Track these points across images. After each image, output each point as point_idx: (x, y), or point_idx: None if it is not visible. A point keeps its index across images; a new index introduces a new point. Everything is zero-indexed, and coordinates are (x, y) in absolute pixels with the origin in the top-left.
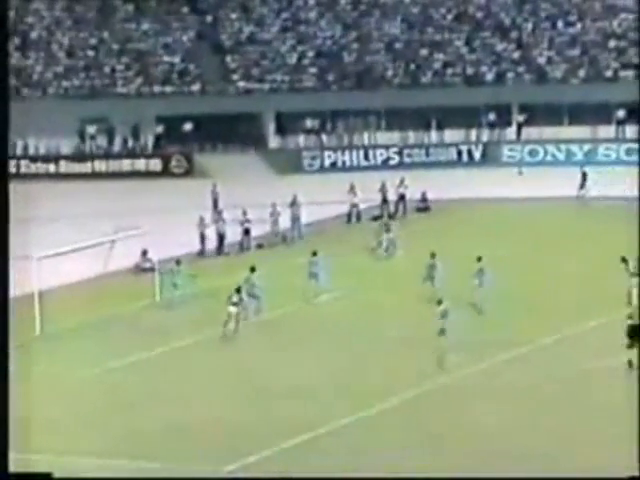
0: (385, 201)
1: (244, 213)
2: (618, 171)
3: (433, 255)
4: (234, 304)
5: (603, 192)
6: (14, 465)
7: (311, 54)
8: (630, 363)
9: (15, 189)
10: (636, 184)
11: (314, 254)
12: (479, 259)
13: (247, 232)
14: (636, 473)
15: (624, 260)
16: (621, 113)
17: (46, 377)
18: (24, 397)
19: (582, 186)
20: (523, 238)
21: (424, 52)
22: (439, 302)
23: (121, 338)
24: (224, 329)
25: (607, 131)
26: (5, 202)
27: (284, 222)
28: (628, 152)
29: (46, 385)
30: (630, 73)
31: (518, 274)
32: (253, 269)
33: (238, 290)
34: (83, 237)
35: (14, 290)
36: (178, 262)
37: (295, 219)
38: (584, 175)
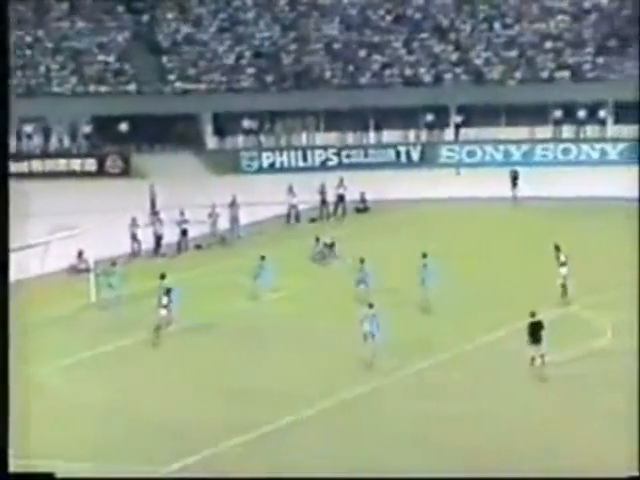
0: (324, 202)
1: (181, 214)
2: (555, 171)
3: (362, 260)
4: (164, 307)
5: (540, 192)
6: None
7: (249, 55)
8: (533, 360)
9: None
10: (574, 184)
11: (262, 258)
12: (424, 255)
13: (184, 233)
14: (636, 473)
15: (557, 248)
16: (558, 113)
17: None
18: None
19: (514, 186)
20: (461, 238)
21: (362, 53)
22: (370, 305)
23: (57, 339)
24: (155, 332)
25: (544, 132)
26: (5, 200)
27: (223, 223)
28: (565, 152)
29: None
30: (566, 74)
31: (456, 273)
32: (163, 276)
33: (168, 292)
34: (18, 238)
35: None
36: (113, 263)
37: (234, 220)
38: (514, 175)
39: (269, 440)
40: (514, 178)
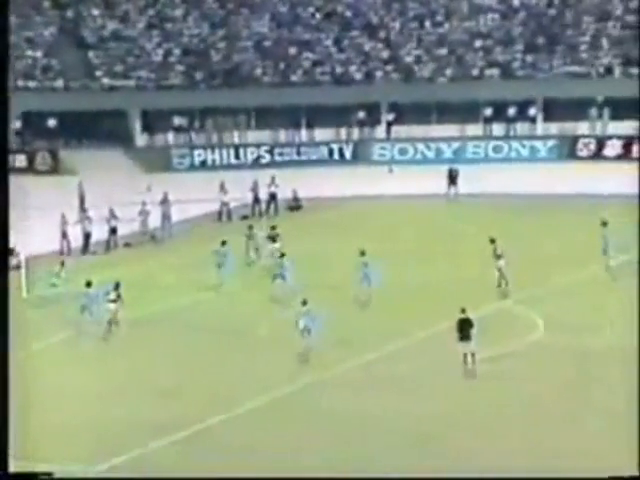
0: (257, 200)
1: (111, 211)
2: (485, 168)
3: (282, 255)
4: (112, 301)
5: (472, 189)
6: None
7: (178, 52)
8: (465, 357)
9: None
10: (505, 181)
11: (223, 243)
12: (362, 253)
13: (114, 231)
14: (636, 473)
15: (492, 241)
16: (488, 111)
17: None
18: None
19: (451, 183)
20: (395, 235)
21: (293, 51)
22: (304, 302)
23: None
24: (106, 326)
25: (475, 129)
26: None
27: (153, 221)
28: (495, 149)
29: None
30: (496, 72)
31: (392, 270)
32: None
33: (116, 287)
34: None
35: None
36: (62, 263)
37: (165, 217)
38: (452, 173)
39: (200, 439)
40: (453, 176)
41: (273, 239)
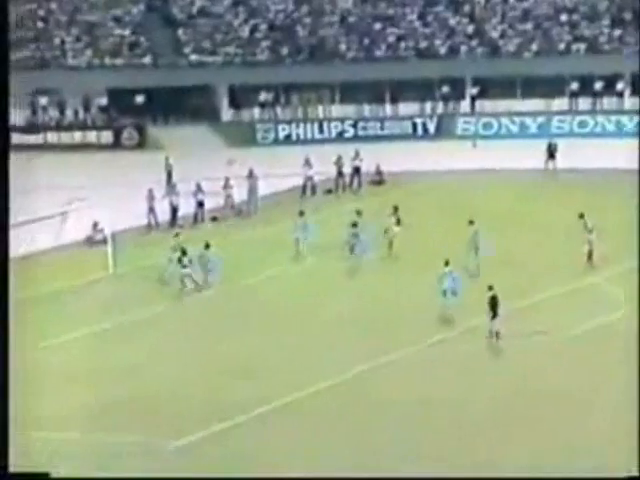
0: (340, 174)
1: (198, 186)
2: (570, 143)
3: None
4: (185, 266)
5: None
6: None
7: (264, 28)
8: (491, 333)
9: None
10: (590, 156)
11: (301, 214)
12: (471, 222)
13: (201, 205)
14: (636, 473)
15: (581, 216)
16: (574, 86)
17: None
18: None
19: (550, 157)
20: (477, 208)
21: (377, 26)
22: (446, 263)
23: (74, 311)
24: (182, 290)
25: (560, 104)
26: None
27: (239, 195)
28: (581, 124)
29: None
30: (582, 46)
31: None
32: (208, 245)
33: (184, 252)
34: (35, 209)
35: None
36: (177, 234)
37: (252, 192)
38: (550, 147)
39: (281, 417)
40: (551, 150)
41: (354, 225)
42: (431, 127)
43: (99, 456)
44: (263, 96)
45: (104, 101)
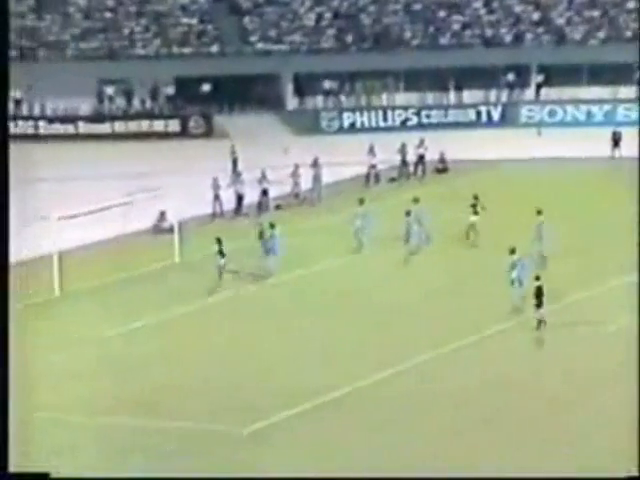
0: (404, 162)
1: (262, 173)
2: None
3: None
4: (223, 256)
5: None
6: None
7: (329, 16)
8: (539, 323)
9: (33, 150)
10: None
11: (361, 202)
12: (539, 212)
13: (265, 193)
14: (636, 473)
15: None
16: None
17: (64, 337)
18: (43, 355)
19: (615, 146)
20: (542, 197)
21: (442, 13)
22: (512, 251)
23: (140, 299)
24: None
25: (626, 92)
26: (5, 169)
27: (304, 183)
28: None
29: (64, 344)
30: None
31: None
32: (272, 225)
33: (219, 241)
34: (102, 198)
35: (34, 251)
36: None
37: (316, 180)
38: (615, 135)
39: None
40: (616, 139)
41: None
42: (495, 115)
43: (171, 444)
44: (328, 84)
45: (171, 90)
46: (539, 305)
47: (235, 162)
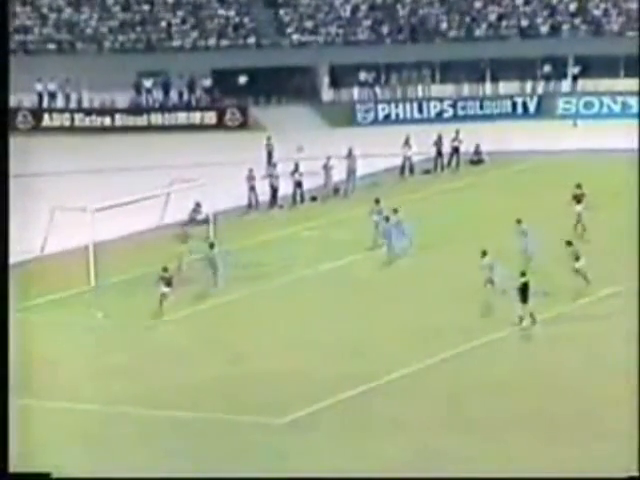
0: (440, 154)
1: (296, 166)
2: None
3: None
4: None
5: None
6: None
7: (365, 7)
8: (520, 319)
9: (69, 142)
10: None
11: (377, 202)
12: (519, 221)
13: (299, 185)
14: (636, 473)
15: None
16: None
17: (100, 327)
18: (78, 346)
19: None
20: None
21: (478, 4)
22: (483, 253)
23: (175, 290)
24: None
25: None
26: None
27: (337, 175)
28: None
29: (100, 335)
30: None
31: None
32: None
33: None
34: (139, 189)
35: (70, 242)
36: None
37: (350, 172)
38: None
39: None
40: None
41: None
42: (531, 106)
43: (211, 433)
44: (363, 76)
45: (208, 82)
46: (524, 301)
47: (270, 154)
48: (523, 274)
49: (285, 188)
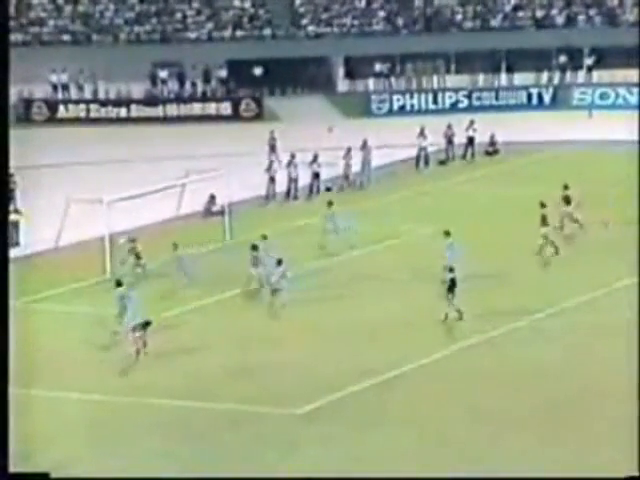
0: (450, 142)
1: (314, 157)
2: None
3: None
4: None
5: None
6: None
7: None
8: (446, 316)
9: (85, 133)
10: None
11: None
12: (447, 233)
13: (317, 176)
14: (636, 473)
15: None
16: None
17: (116, 317)
18: (95, 332)
19: None
20: (594, 181)
21: None
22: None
23: (190, 281)
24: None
25: None
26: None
27: (354, 166)
28: None
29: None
30: None
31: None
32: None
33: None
34: (154, 180)
35: (85, 233)
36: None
37: (365, 163)
38: None
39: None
40: None
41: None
42: (547, 97)
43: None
44: (378, 67)
45: (223, 73)
46: (453, 297)
47: (273, 147)
48: (452, 270)
49: (302, 179)
